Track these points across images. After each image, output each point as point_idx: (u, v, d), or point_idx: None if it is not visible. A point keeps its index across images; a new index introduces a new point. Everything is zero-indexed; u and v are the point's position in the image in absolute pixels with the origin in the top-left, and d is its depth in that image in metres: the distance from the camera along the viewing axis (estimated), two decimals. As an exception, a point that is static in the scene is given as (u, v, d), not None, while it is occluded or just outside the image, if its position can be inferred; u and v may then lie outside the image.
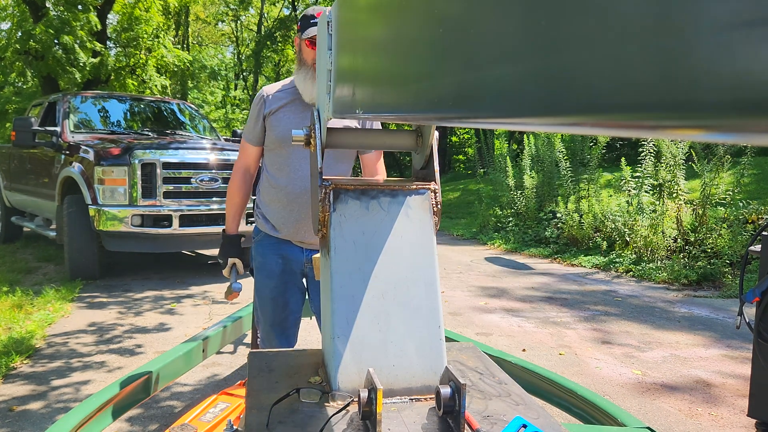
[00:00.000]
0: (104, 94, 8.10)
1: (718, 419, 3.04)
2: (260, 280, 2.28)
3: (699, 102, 0.25)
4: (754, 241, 2.90)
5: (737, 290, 5.64)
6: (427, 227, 1.21)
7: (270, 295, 2.25)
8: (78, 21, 11.04)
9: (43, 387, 3.37)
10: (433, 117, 0.63)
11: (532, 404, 1.14)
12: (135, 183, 5.66)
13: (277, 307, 2.26)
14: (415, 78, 0.60)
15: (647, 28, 0.27)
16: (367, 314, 1.14)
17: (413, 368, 1.14)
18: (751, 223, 6.79)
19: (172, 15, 18.87)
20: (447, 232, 11.06)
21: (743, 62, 0.23)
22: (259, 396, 1.13)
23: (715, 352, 4.10)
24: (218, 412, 2.64)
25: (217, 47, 33.73)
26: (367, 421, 1.01)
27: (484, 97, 0.44)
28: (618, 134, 0.34)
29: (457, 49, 0.48)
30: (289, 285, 2.25)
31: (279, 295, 2.25)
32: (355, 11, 0.95)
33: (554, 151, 9.21)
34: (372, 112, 0.81)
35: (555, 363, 3.84)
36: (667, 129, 0.28)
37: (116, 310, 5.02)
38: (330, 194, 1.19)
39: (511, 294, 5.94)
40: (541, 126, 0.38)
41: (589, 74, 0.31)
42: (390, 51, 0.70)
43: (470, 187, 14.91)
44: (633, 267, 6.94)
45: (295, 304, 2.30)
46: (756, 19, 0.22)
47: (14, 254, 7.64)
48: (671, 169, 7.31)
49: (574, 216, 8.24)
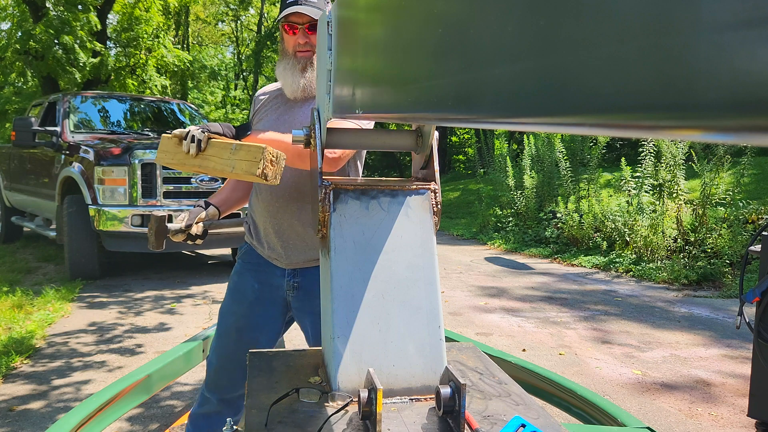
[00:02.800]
0: (104, 94, 8.11)
1: (718, 419, 3.04)
2: (228, 305, 1.91)
3: (697, 102, 0.25)
4: (754, 241, 2.90)
5: (737, 290, 5.64)
6: (427, 227, 1.21)
7: (236, 325, 1.87)
8: (78, 21, 11.04)
9: (43, 387, 3.37)
10: (433, 117, 0.63)
11: (532, 404, 1.14)
12: (135, 183, 5.66)
13: (241, 343, 1.84)
14: (415, 78, 0.60)
15: (646, 29, 0.27)
16: (367, 314, 1.14)
17: (413, 368, 1.14)
18: (751, 223, 6.79)
19: (172, 15, 18.87)
20: (447, 232, 11.05)
21: (741, 62, 0.23)
22: (258, 396, 1.13)
23: (715, 352, 4.10)
24: (218, 412, 2.64)
25: (217, 47, 33.72)
26: (366, 421, 1.01)
27: (484, 97, 0.44)
28: (617, 134, 0.34)
29: (457, 49, 0.48)
30: (262, 319, 1.87)
31: (246, 328, 1.86)
32: (354, 11, 0.95)
33: (554, 151, 9.21)
34: (372, 112, 0.81)
35: (555, 363, 3.84)
36: (666, 129, 0.28)
37: (116, 310, 5.02)
38: (330, 194, 1.19)
39: (511, 294, 5.94)
40: (541, 126, 0.38)
41: (588, 74, 0.31)
42: (390, 51, 0.70)
43: (470, 187, 14.91)
44: (633, 267, 6.94)
45: (265, 345, 1.90)
46: (754, 19, 0.22)
47: (14, 254, 7.64)
48: (671, 169, 7.31)
49: (574, 216, 8.25)
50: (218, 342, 1.91)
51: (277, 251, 1.83)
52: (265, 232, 1.83)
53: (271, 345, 1.91)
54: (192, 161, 1.51)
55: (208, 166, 1.49)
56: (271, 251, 1.84)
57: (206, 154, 1.48)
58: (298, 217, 1.78)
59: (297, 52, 1.75)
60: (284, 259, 1.83)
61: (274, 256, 1.84)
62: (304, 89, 1.76)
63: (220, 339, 1.91)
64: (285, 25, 1.75)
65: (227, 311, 1.90)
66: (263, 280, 1.86)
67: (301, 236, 1.79)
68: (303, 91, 1.76)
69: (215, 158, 1.47)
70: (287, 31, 1.75)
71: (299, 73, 1.74)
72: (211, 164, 1.48)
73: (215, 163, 1.47)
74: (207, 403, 1.94)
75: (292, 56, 1.75)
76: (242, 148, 1.40)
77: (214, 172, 1.50)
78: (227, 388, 1.90)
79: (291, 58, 1.76)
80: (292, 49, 1.75)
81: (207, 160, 1.48)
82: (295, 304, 1.87)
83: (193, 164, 1.52)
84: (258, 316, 1.86)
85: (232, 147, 1.43)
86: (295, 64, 1.75)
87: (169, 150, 1.57)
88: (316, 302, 1.81)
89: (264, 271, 1.86)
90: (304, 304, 1.84)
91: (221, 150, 1.46)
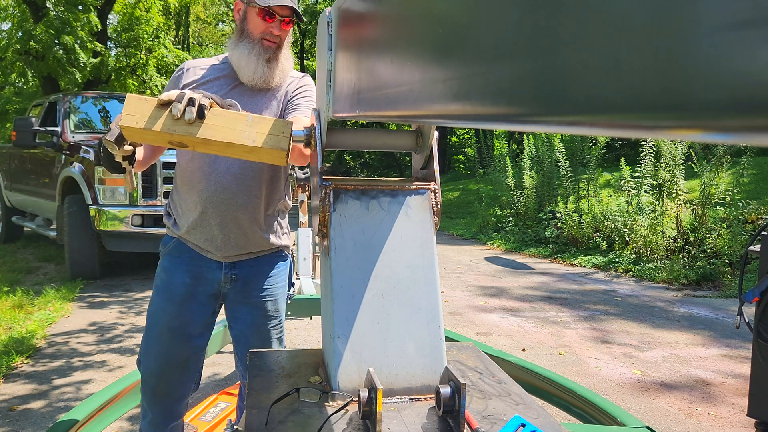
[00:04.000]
0: (105, 94, 8.10)
1: (717, 419, 3.04)
2: (158, 304, 1.81)
3: (697, 102, 0.25)
4: (753, 241, 2.90)
5: (737, 290, 5.64)
6: (427, 227, 1.22)
7: (169, 325, 1.79)
8: (78, 21, 11.03)
9: (43, 386, 3.37)
10: (433, 117, 0.63)
11: (531, 404, 1.14)
12: (135, 183, 5.66)
13: (175, 342, 1.79)
14: (414, 78, 0.60)
15: (646, 29, 0.27)
16: (367, 314, 1.14)
17: (413, 368, 1.14)
18: (750, 223, 6.79)
19: (173, 15, 18.86)
20: (447, 231, 11.05)
21: (741, 62, 0.23)
22: (259, 396, 1.13)
23: (715, 352, 4.10)
24: (218, 412, 2.65)
25: (217, 47, 33.71)
26: (367, 420, 1.01)
27: (484, 97, 0.44)
28: (617, 134, 0.34)
29: (457, 49, 0.49)
30: (195, 316, 1.80)
31: (180, 326, 1.79)
32: (355, 11, 0.95)
33: (554, 151, 9.22)
34: (372, 112, 0.81)
35: (555, 363, 3.84)
36: (666, 129, 0.28)
37: (117, 310, 5.02)
38: (330, 194, 1.19)
39: (510, 294, 5.94)
40: (541, 126, 0.38)
41: (587, 74, 0.31)
42: (390, 51, 0.70)
43: (470, 187, 14.91)
44: (632, 267, 6.94)
45: (199, 342, 1.84)
46: (754, 19, 0.22)
47: (15, 254, 7.64)
48: (671, 169, 7.31)
49: (573, 216, 8.25)
50: (152, 345, 1.81)
51: (215, 244, 1.76)
52: (203, 224, 1.75)
53: (205, 339, 1.86)
54: (181, 129, 1.24)
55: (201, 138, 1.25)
56: (207, 243, 1.77)
57: (209, 123, 1.25)
58: (244, 211, 1.74)
59: (264, 40, 1.70)
60: (222, 251, 1.77)
61: (209, 248, 1.77)
62: (266, 80, 1.72)
63: (154, 342, 1.81)
64: (261, 10, 1.67)
65: (159, 311, 1.81)
66: (196, 274, 1.79)
67: (243, 230, 1.76)
68: (264, 81, 1.72)
69: (223, 128, 1.25)
70: (261, 17, 1.68)
71: (264, 62, 1.70)
72: (211, 134, 1.25)
73: (222, 135, 1.25)
74: (149, 415, 1.85)
75: (257, 42, 1.69)
76: (262, 120, 1.26)
77: (211, 147, 1.29)
78: (169, 394, 1.83)
79: (256, 43, 1.69)
80: (258, 35, 1.69)
81: (208, 129, 1.25)
82: (231, 295, 1.83)
83: (177, 134, 1.25)
84: (191, 312, 1.80)
85: (248, 118, 1.26)
86: (260, 51, 1.69)
87: (140, 114, 1.25)
88: (254, 293, 1.83)
89: (197, 265, 1.79)
90: (241, 295, 1.83)
91: (232, 120, 1.26)
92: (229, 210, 1.73)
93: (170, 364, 1.80)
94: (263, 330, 1.85)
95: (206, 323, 1.85)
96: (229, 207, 1.73)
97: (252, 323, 1.85)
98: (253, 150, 1.27)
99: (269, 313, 1.86)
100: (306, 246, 4.29)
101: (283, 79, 1.78)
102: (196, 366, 1.87)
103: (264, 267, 1.85)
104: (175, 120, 1.25)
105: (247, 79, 1.72)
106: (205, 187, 1.72)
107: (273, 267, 1.87)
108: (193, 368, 1.86)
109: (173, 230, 1.83)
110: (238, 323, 1.86)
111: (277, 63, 1.73)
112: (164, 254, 1.85)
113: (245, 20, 1.72)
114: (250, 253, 1.82)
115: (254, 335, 1.85)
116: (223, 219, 1.73)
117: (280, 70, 1.75)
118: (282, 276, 1.91)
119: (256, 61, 1.69)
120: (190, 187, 1.75)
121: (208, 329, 1.87)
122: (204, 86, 1.72)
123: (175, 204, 1.82)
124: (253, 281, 1.84)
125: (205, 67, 1.80)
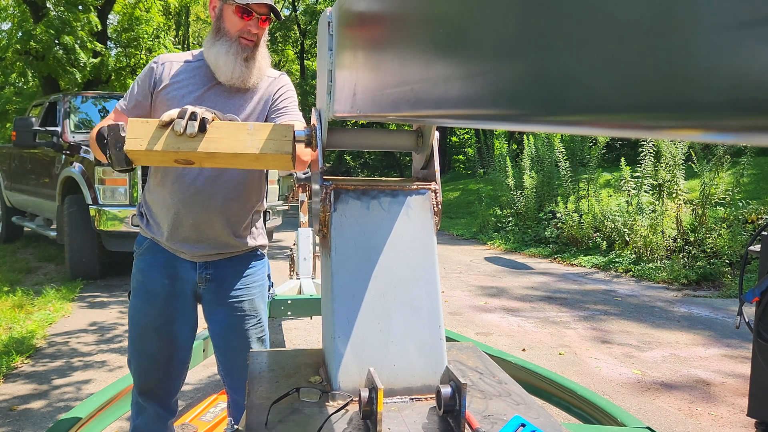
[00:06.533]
0: (105, 95, 8.10)
1: (717, 419, 3.04)
2: (138, 306, 1.80)
3: (697, 102, 0.25)
4: (753, 241, 2.91)
5: (737, 290, 5.64)
6: (427, 227, 1.22)
7: (152, 325, 1.78)
8: (78, 21, 11.03)
9: (44, 386, 3.37)
10: (433, 117, 0.63)
11: (532, 404, 1.14)
12: (135, 183, 5.66)
13: (161, 341, 1.79)
14: (415, 78, 0.60)
15: (646, 28, 0.27)
16: (367, 314, 1.14)
17: (414, 368, 1.14)
18: (750, 223, 6.79)
19: (173, 15, 18.86)
20: (447, 232, 11.06)
21: (742, 62, 0.23)
22: (259, 395, 1.13)
23: (715, 352, 4.10)
24: (218, 412, 2.65)
25: (217, 47, 33.70)
26: (367, 420, 1.01)
27: (484, 97, 0.44)
28: (617, 134, 0.34)
29: (458, 49, 0.49)
30: (178, 313, 1.80)
31: (164, 325, 1.79)
32: (355, 11, 0.95)
33: (554, 151, 9.22)
34: (372, 112, 0.81)
35: (555, 363, 3.84)
36: (666, 129, 0.28)
37: (117, 310, 5.02)
38: (331, 194, 1.19)
39: (510, 294, 5.94)
40: (541, 126, 0.38)
41: (588, 74, 0.31)
42: (390, 51, 0.70)
43: (470, 187, 14.91)
44: (632, 267, 6.94)
45: (185, 338, 1.84)
46: (754, 19, 0.22)
47: (15, 254, 7.64)
48: (671, 169, 7.32)
49: (573, 216, 8.25)
50: (138, 346, 1.81)
51: (187, 245, 1.75)
52: (176, 224, 1.73)
53: (191, 337, 1.86)
54: (184, 146, 1.26)
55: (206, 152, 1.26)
56: (180, 244, 1.75)
57: (211, 137, 1.27)
58: (219, 213, 1.73)
59: (241, 38, 1.68)
60: (195, 252, 1.76)
61: (181, 249, 1.76)
62: (244, 79, 1.70)
63: (139, 342, 1.81)
64: (238, 8, 1.65)
65: (139, 312, 1.80)
66: (172, 275, 1.79)
67: (217, 232, 1.75)
68: (242, 81, 1.70)
69: (226, 140, 1.26)
70: (239, 15, 1.66)
71: (242, 61, 1.68)
72: (215, 147, 1.26)
73: (225, 146, 1.26)
74: (144, 412, 1.87)
75: (235, 41, 1.68)
76: (263, 127, 1.26)
77: (217, 160, 1.30)
78: (161, 389, 1.85)
79: (233, 42, 1.67)
80: (236, 33, 1.68)
81: (211, 143, 1.26)
82: (207, 296, 1.81)
83: (182, 151, 1.27)
84: (174, 310, 1.79)
85: (249, 127, 1.27)
86: (238, 50, 1.68)
87: (143, 136, 1.27)
88: (229, 293, 1.80)
89: (172, 266, 1.78)
90: (216, 296, 1.81)
91: (234, 131, 1.27)
92: (203, 212, 1.72)
93: (158, 362, 1.81)
94: (241, 330, 1.82)
95: (189, 319, 1.84)
96: (203, 209, 1.71)
97: (228, 324, 1.82)
98: (258, 158, 1.28)
99: (247, 313, 1.82)
100: (306, 246, 4.29)
101: (260, 78, 1.75)
102: (182, 362, 1.87)
103: (239, 267, 1.83)
104: (178, 137, 1.27)
105: (224, 79, 1.70)
106: (178, 189, 1.70)
107: (248, 266, 1.85)
108: (179, 365, 1.86)
109: (146, 231, 1.82)
110: (216, 325, 1.84)
111: (254, 62, 1.71)
112: (138, 255, 1.84)
113: (221, 18, 1.70)
114: (222, 253, 1.80)
115: (233, 336, 1.83)
116: (196, 220, 1.72)
117: (258, 69, 1.73)
118: (258, 275, 1.87)
119: (234, 60, 1.67)
120: (163, 187, 1.73)
121: (191, 326, 1.86)
122: (180, 85, 1.71)
123: (148, 205, 1.81)
124: (228, 281, 1.81)
125: (180, 62, 1.77)
